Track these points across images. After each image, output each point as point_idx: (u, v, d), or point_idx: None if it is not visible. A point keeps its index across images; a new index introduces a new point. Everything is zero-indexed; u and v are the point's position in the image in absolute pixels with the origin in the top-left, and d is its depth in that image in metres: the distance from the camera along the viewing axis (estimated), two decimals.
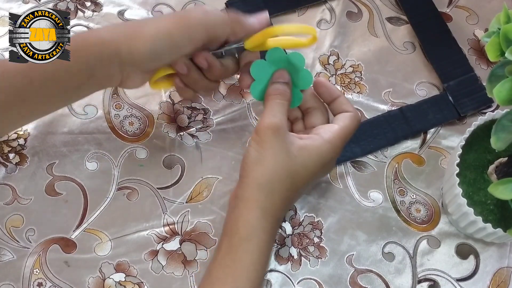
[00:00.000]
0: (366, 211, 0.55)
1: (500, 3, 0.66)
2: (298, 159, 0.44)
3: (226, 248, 0.43)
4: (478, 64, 0.63)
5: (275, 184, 0.44)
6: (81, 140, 0.55)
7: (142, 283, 0.50)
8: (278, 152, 0.44)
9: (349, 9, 0.65)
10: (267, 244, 0.44)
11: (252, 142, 0.45)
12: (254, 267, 0.43)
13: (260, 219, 0.43)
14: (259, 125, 0.45)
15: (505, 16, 0.39)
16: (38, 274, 0.49)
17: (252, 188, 0.44)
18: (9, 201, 0.52)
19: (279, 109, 0.46)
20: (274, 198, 0.44)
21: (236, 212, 0.44)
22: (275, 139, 0.44)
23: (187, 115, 0.57)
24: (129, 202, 0.53)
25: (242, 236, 0.43)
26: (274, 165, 0.44)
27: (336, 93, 0.49)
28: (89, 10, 0.62)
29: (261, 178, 0.44)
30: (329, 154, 0.46)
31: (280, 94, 0.47)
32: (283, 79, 0.48)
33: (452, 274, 0.53)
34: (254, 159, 0.44)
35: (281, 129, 0.44)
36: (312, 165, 0.45)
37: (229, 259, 0.43)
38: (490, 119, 0.52)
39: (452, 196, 0.51)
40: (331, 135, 0.46)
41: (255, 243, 0.43)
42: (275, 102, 0.46)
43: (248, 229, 0.43)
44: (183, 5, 0.63)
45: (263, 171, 0.44)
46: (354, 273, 0.52)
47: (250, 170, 0.44)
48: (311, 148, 0.45)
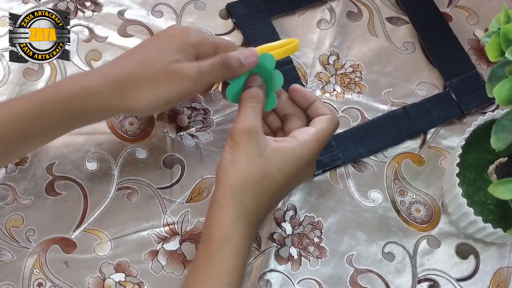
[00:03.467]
0: (366, 211, 0.55)
1: (500, 3, 0.66)
2: (272, 161, 0.44)
3: (202, 256, 0.44)
4: (478, 64, 0.63)
5: (249, 186, 0.43)
6: (81, 140, 0.55)
7: (142, 283, 0.50)
8: (251, 154, 0.44)
9: (349, 9, 0.65)
10: (243, 249, 0.44)
11: (226, 147, 0.45)
12: (230, 273, 0.43)
13: (235, 224, 0.43)
14: (233, 129, 0.45)
15: (505, 16, 0.39)
16: (38, 274, 0.49)
17: (226, 191, 0.44)
18: (9, 201, 0.52)
19: (252, 112, 0.46)
20: (248, 201, 0.44)
21: (211, 218, 0.44)
22: (248, 141, 0.44)
23: (187, 115, 0.57)
24: (129, 202, 0.53)
25: (216, 242, 0.43)
26: (247, 167, 0.43)
27: (311, 98, 0.50)
28: (89, 10, 0.62)
29: (235, 181, 0.43)
30: (305, 156, 0.46)
31: (252, 97, 0.47)
32: (255, 83, 0.48)
33: (452, 274, 0.53)
34: (228, 162, 0.44)
35: (254, 132, 0.44)
36: (287, 168, 0.45)
37: (205, 266, 0.43)
38: (490, 119, 0.52)
39: (452, 196, 0.51)
40: (307, 137, 0.46)
41: (230, 249, 0.43)
42: (248, 106, 0.46)
43: (223, 236, 0.43)
44: (183, 5, 0.63)
45: (237, 173, 0.43)
46: (354, 273, 0.52)
47: (224, 174, 0.44)
48: (286, 150, 0.45)
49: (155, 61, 0.45)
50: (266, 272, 0.51)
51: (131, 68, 0.46)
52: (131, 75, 0.45)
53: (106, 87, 0.45)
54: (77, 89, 0.45)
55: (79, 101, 0.45)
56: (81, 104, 0.45)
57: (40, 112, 0.44)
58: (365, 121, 0.59)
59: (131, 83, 0.45)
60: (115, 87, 0.45)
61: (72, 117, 0.46)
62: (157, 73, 0.45)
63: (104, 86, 0.45)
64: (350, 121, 0.59)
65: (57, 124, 0.45)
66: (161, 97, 0.46)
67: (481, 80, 0.61)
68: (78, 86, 0.45)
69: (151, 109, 0.48)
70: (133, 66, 0.46)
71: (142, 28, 0.61)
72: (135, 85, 0.45)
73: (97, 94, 0.45)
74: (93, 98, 0.45)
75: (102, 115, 0.48)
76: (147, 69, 0.45)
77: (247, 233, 0.44)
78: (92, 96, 0.45)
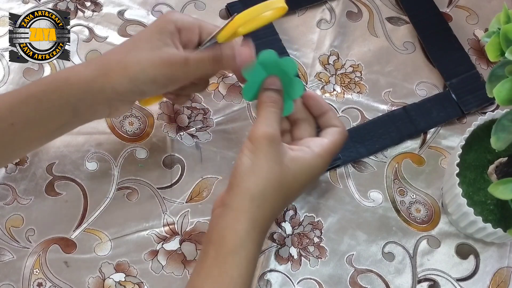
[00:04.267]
0: (366, 211, 0.55)
1: (500, 3, 0.66)
2: (290, 170, 0.44)
3: (212, 259, 0.42)
4: (478, 64, 0.63)
5: (268, 195, 0.43)
6: (81, 140, 0.55)
7: (142, 283, 0.50)
8: (272, 162, 0.43)
9: (349, 9, 0.65)
10: (255, 256, 0.43)
11: (245, 150, 0.44)
12: (242, 280, 0.42)
13: (250, 231, 0.42)
14: (254, 133, 0.44)
15: (505, 16, 0.39)
16: (38, 274, 0.49)
17: (243, 198, 0.43)
18: (9, 201, 0.52)
19: (273, 118, 0.45)
20: (265, 210, 0.43)
21: (224, 221, 0.43)
22: (269, 149, 0.43)
23: (187, 115, 0.57)
24: (129, 202, 0.53)
25: (230, 247, 0.42)
26: (267, 175, 0.43)
27: (325, 107, 0.49)
28: (89, 10, 0.62)
29: (254, 188, 0.43)
30: (319, 168, 0.46)
31: (274, 102, 0.46)
32: (275, 86, 0.47)
33: (452, 274, 0.53)
34: (248, 168, 0.43)
35: (276, 139, 0.44)
36: (303, 178, 0.45)
37: (216, 271, 0.42)
38: (490, 119, 0.52)
39: (452, 196, 0.51)
40: (322, 149, 0.46)
41: (243, 256, 0.42)
42: (270, 111, 0.46)
43: (237, 241, 0.42)
44: (183, 5, 0.63)
45: (256, 181, 0.43)
46: (354, 273, 0.52)
47: (243, 179, 0.43)
48: (303, 160, 0.45)
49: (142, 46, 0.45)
50: (266, 272, 0.51)
51: (118, 52, 0.46)
52: (117, 57, 0.45)
53: (91, 69, 0.45)
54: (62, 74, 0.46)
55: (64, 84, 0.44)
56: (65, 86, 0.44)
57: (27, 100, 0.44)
58: (365, 121, 0.59)
59: (117, 63, 0.45)
60: (99, 68, 0.45)
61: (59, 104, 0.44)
62: (144, 55, 0.45)
63: (89, 69, 0.45)
64: (350, 121, 0.59)
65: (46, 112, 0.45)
66: (147, 76, 0.45)
67: (481, 80, 0.61)
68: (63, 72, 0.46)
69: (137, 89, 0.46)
70: (120, 50, 0.46)
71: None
72: (121, 65, 0.45)
73: (81, 75, 0.44)
74: (78, 79, 0.44)
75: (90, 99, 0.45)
76: (134, 52, 0.45)
77: (260, 239, 0.44)
78: (76, 78, 0.44)
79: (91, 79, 0.44)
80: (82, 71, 0.45)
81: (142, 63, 0.44)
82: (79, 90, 0.44)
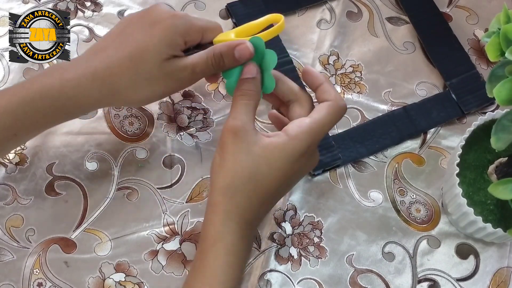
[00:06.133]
0: (366, 211, 0.55)
1: (500, 3, 0.66)
2: (261, 158, 0.43)
3: (198, 253, 0.44)
4: (478, 64, 0.63)
5: (237, 186, 0.43)
6: (81, 140, 0.55)
7: (142, 283, 0.50)
8: (237, 154, 0.43)
9: (349, 9, 0.65)
10: (235, 246, 0.44)
11: (217, 147, 0.45)
12: (223, 270, 0.43)
13: (226, 223, 0.43)
14: (222, 129, 0.45)
15: (505, 16, 0.39)
16: (38, 274, 0.49)
17: (217, 192, 0.44)
18: (9, 201, 0.52)
19: (243, 110, 0.45)
20: (238, 200, 0.43)
21: (205, 218, 0.45)
22: (234, 140, 0.43)
23: (187, 115, 0.57)
24: (129, 202, 0.53)
25: (210, 241, 0.43)
26: (233, 167, 0.43)
27: (319, 80, 0.47)
28: (89, 10, 0.62)
29: (222, 182, 0.43)
30: (297, 151, 0.44)
31: (244, 94, 0.45)
32: (250, 74, 0.46)
33: (452, 274, 0.53)
34: (217, 163, 0.44)
35: (241, 131, 0.43)
36: (278, 163, 0.44)
37: (199, 265, 0.43)
38: (490, 119, 0.52)
39: (452, 196, 0.51)
40: (298, 130, 0.44)
41: (221, 247, 0.43)
42: (239, 103, 0.45)
43: (214, 234, 0.43)
44: (183, 5, 0.63)
45: (224, 174, 0.44)
46: (354, 273, 0.52)
47: (214, 175, 0.44)
48: (275, 146, 0.44)
49: (146, 54, 0.44)
50: (266, 272, 0.51)
51: (120, 61, 0.45)
52: (121, 70, 0.44)
53: (94, 83, 0.44)
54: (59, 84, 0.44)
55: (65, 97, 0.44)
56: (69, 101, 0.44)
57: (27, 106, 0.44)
58: (365, 121, 0.59)
59: (123, 79, 0.44)
60: (105, 86, 0.45)
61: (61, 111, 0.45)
62: (152, 71, 0.45)
63: (91, 82, 0.44)
64: (350, 121, 0.59)
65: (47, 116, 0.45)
66: (157, 93, 0.47)
67: (481, 80, 0.61)
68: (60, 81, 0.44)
69: (145, 103, 0.49)
70: (121, 58, 0.45)
71: None
72: (129, 82, 0.45)
73: (84, 90, 0.44)
74: (83, 96, 0.44)
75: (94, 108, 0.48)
76: (140, 65, 0.44)
77: (240, 231, 0.44)
78: (81, 94, 0.44)
79: (97, 98, 0.45)
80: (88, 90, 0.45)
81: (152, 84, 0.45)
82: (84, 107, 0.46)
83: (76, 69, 0.45)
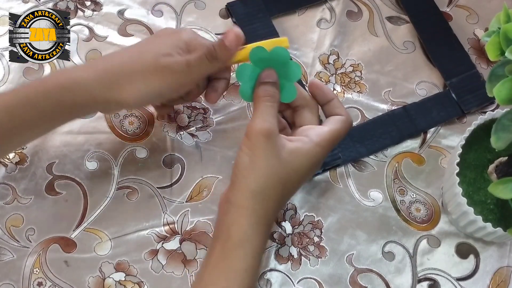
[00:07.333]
0: (366, 211, 0.55)
1: (500, 2, 0.66)
2: (289, 164, 0.44)
3: (219, 253, 0.43)
4: (478, 63, 0.63)
5: (269, 190, 0.43)
6: (81, 139, 0.55)
7: (142, 283, 0.50)
8: (270, 158, 0.43)
9: (349, 8, 0.65)
10: (260, 250, 0.44)
11: (244, 147, 0.44)
12: (247, 273, 0.43)
13: (254, 226, 0.43)
14: (250, 129, 0.44)
15: (505, 15, 0.39)
16: (38, 273, 0.50)
17: (245, 195, 0.43)
18: (9, 201, 0.52)
19: (270, 112, 0.45)
20: (268, 205, 0.44)
21: (229, 217, 0.44)
22: (267, 144, 0.43)
23: (187, 114, 0.57)
24: (129, 202, 0.53)
25: (236, 242, 0.43)
26: (266, 171, 0.43)
27: (330, 96, 0.49)
28: (89, 10, 0.62)
29: (255, 186, 0.43)
30: (318, 158, 0.46)
31: (269, 96, 0.46)
32: (271, 79, 0.47)
33: (452, 273, 0.53)
34: (247, 164, 0.44)
35: (273, 134, 0.44)
36: (303, 169, 0.45)
37: (223, 264, 0.43)
38: (490, 118, 0.52)
39: (452, 196, 0.51)
40: (321, 138, 0.46)
41: (248, 249, 0.43)
42: (265, 105, 0.45)
43: (242, 236, 0.43)
44: (183, 4, 0.63)
45: (256, 178, 0.43)
46: (354, 273, 0.52)
47: (243, 176, 0.44)
48: (302, 151, 0.45)
49: (146, 55, 0.46)
50: (266, 271, 0.51)
51: (122, 61, 0.46)
52: (121, 67, 0.45)
53: (95, 79, 0.45)
54: (64, 80, 0.45)
55: (67, 92, 0.44)
56: (68, 95, 0.44)
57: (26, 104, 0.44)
58: (365, 120, 0.59)
59: (121, 75, 0.45)
60: (103, 78, 0.45)
61: (60, 109, 0.45)
62: (148, 66, 0.45)
63: (93, 78, 0.45)
64: None
65: (46, 116, 0.45)
66: (152, 89, 0.46)
67: (481, 79, 0.61)
68: (66, 77, 0.45)
69: (142, 102, 0.49)
70: (124, 59, 0.46)
71: (142, 28, 0.61)
72: (125, 77, 0.45)
73: (86, 85, 0.45)
74: (81, 89, 0.45)
75: (92, 107, 0.47)
76: (138, 62, 0.45)
77: (265, 234, 0.44)
78: (80, 87, 0.45)
79: (93, 89, 0.45)
80: (80, 78, 0.45)
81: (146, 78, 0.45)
82: (82, 100, 0.45)
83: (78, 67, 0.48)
